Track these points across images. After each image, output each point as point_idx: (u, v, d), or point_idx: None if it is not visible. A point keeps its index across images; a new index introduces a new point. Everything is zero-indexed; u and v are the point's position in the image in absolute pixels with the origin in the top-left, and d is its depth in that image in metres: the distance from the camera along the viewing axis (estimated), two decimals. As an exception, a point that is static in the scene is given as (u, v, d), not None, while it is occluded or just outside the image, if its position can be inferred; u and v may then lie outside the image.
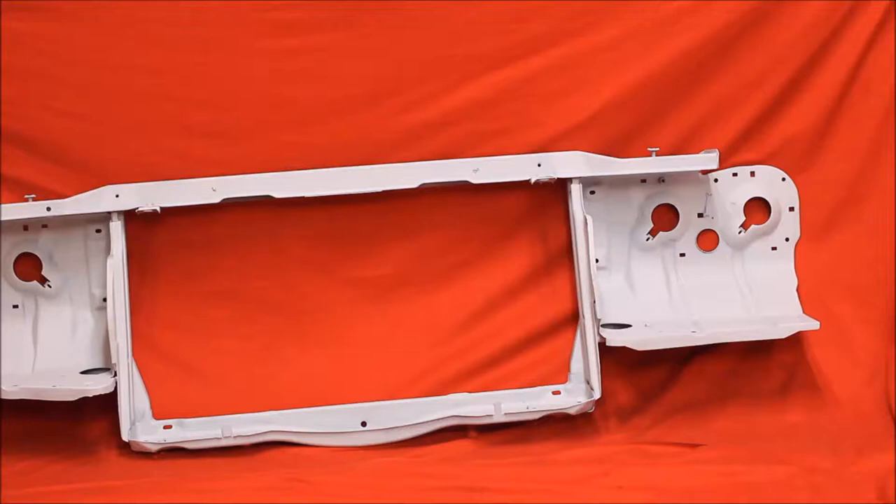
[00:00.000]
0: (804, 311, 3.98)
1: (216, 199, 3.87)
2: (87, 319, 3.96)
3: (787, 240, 4.05)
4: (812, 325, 3.86)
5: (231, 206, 3.92)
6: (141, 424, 3.86)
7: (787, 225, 4.05)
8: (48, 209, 3.83)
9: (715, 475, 3.43)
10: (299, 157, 3.93)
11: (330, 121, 3.96)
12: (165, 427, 3.87)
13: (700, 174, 4.02)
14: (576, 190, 3.93)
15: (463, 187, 3.95)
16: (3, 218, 3.83)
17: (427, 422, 3.85)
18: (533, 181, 3.92)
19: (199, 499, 3.40)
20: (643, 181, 4.03)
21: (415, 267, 4.03)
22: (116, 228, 3.87)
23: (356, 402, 3.89)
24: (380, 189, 3.91)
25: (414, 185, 3.91)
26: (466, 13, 3.94)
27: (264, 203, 3.91)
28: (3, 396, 3.72)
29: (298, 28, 3.92)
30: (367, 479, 3.53)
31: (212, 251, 4.00)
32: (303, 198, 3.90)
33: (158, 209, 3.86)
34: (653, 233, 4.04)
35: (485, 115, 3.98)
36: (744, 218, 4.04)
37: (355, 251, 4.02)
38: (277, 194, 3.88)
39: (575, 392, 3.93)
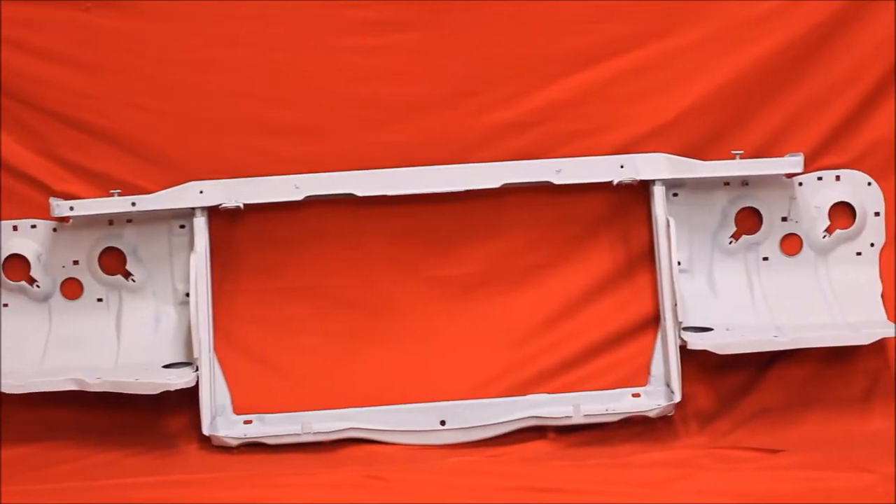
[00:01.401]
0: (889, 318, 3.93)
1: (299, 197, 3.89)
2: (169, 314, 4.00)
3: (872, 245, 4.00)
4: (896, 331, 3.83)
5: (312, 203, 3.94)
6: (221, 419, 3.89)
7: (873, 230, 4.00)
8: (133, 204, 3.86)
9: (795, 481, 3.40)
10: (380, 156, 3.94)
11: (412, 120, 3.97)
12: (246, 422, 3.89)
13: (784, 178, 3.98)
14: (658, 192, 3.91)
15: (545, 188, 3.94)
16: (90, 212, 3.87)
17: (506, 422, 3.85)
18: (615, 183, 3.91)
19: (277, 493, 3.42)
20: (726, 184, 4.01)
21: (496, 267, 4.03)
22: (200, 224, 3.90)
23: (435, 401, 3.89)
24: (462, 189, 3.91)
25: (496, 185, 3.91)
26: (550, 13, 3.93)
27: (346, 201, 3.93)
28: (88, 389, 3.77)
29: (382, 27, 3.93)
30: (444, 477, 3.53)
31: (293, 248, 4.01)
32: (384, 196, 3.91)
33: (242, 206, 3.89)
34: (736, 236, 4.01)
35: (567, 115, 3.97)
36: (828, 222, 4.00)
37: (436, 250, 4.03)
38: (360, 192, 3.90)
39: (655, 395, 3.92)
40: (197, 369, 3.83)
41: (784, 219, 4.01)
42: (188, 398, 3.85)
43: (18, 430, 3.89)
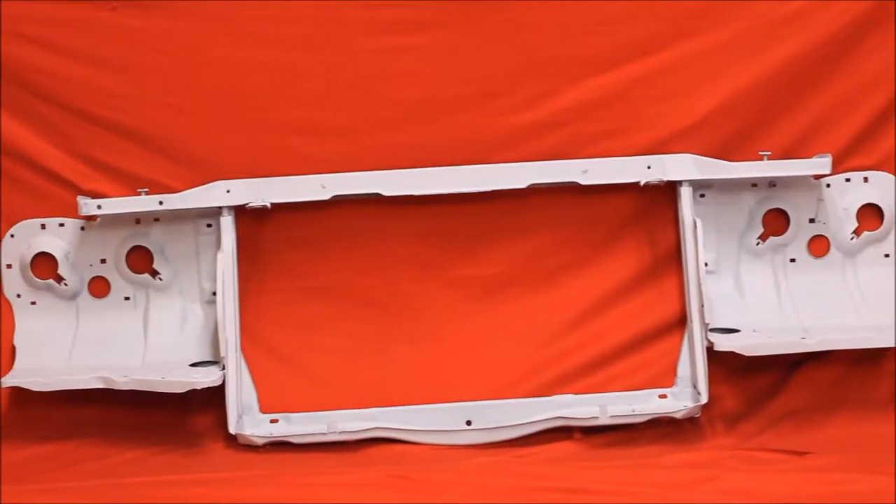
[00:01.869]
0: (917, 320, 3.93)
1: (326, 196, 3.90)
2: (196, 312, 4.01)
3: (900, 247, 4.01)
4: (924, 333, 3.81)
5: (338, 202, 3.94)
6: (248, 418, 3.89)
7: (901, 232, 4.00)
8: (160, 203, 3.87)
9: (822, 483, 3.39)
10: (406, 156, 3.94)
11: (436, 120, 3.97)
12: (272, 421, 3.90)
13: (812, 179, 3.97)
14: (686, 193, 3.90)
15: (571, 188, 3.94)
16: (117, 211, 3.89)
17: (532, 422, 3.85)
18: (642, 183, 3.90)
19: (303, 492, 3.42)
20: (754, 185, 4.00)
21: (522, 267, 4.03)
22: (227, 223, 3.91)
23: (461, 401, 3.89)
24: (488, 189, 3.91)
25: (522, 185, 3.91)
26: (576, 14, 3.93)
27: (372, 201, 3.93)
28: (115, 387, 3.77)
29: (407, 27, 3.93)
30: (470, 477, 3.53)
31: (319, 247, 4.02)
32: (410, 196, 3.92)
33: (268, 205, 3.90)
34: (763, 237, 4.00)
35: (593, 116, 3.97)
36: (856, 224, 3.98)
37: (462, 250, 4.03)
38: (386, 192, 3.90)
39: (681, 396, 3.91)
40: (223, 368, 3.84)
41: (811, 220, 4.00)
42: (214, 397, 3.86)
43: (46, 427, 3.90)
